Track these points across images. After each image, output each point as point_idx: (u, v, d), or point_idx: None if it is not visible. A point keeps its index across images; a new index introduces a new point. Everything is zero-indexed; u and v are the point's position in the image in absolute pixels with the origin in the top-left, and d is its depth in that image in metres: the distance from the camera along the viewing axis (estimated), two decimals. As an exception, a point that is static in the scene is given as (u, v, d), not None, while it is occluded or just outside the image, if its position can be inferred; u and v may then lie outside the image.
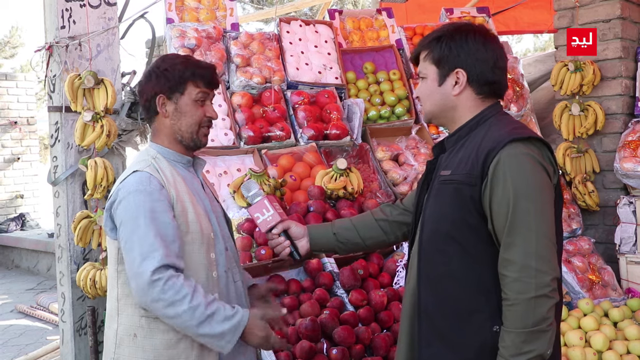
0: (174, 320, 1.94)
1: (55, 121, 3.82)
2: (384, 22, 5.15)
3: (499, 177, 1.79)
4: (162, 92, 2.13)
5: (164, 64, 2.15)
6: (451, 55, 1.94)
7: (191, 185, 2.17)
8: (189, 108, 2.14)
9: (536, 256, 1.74)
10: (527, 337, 1.73)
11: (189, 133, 2.15)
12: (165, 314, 1.93)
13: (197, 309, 1.92)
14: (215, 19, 4.60)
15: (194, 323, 1.93)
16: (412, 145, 4.40)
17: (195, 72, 2.13)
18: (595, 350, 3.25)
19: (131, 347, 2.05)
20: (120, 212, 2.02)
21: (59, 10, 3.75)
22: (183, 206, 2.07)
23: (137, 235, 1.95)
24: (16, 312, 6.69)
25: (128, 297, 2.06)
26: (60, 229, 3.86)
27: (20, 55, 19.40)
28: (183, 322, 1.93)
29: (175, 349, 2.03)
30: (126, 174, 2.10)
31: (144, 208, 1.98)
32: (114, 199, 2.06)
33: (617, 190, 4.40)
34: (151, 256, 1.92)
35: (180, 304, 1.91)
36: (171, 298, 1.91)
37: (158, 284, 1.90)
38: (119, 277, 2.09)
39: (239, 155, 3.96)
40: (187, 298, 1.92)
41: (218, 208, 2.28)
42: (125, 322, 2.08)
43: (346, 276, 3.35)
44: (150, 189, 2.01)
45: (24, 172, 10.37)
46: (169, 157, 2.17)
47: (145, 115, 2.22)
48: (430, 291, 1.93)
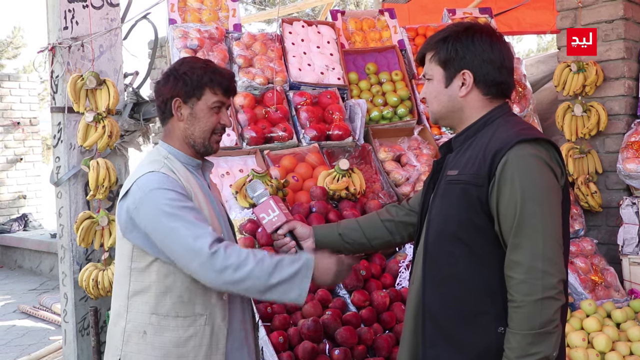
0: (245, 282, 1.94)
1: (57, 122, 3.83)
2: (386, 23, 5.15)
3: (507, 178, 1.78)
4: (178, 96, 2.12)
5: (183, 67, 2.14)
6: (457, 57, 1.92)
7: (201, 187, 2.17)
8: (204, 114, 2.13)
9: (543, 258, 1.73)
10: (533, 339, 1.72)
11: (201, 139, 2.15)
12: (236, 278, 1.93)
13: (264, 261, 1.95)
14: (217, 20, 4.60)
15: (265, 276, 1.94)
16: (415, 146, 4.39)
17: (214, 79, 2.12)
18: (598, 351, 3.25)
19: (140, 345, 2.05)
20: (147, 211, 2.00)
21: (62, 11, 3.75)
22: (200, 206, 2.08)
23: (178, 224, 1.95)
24: (19, 312, 6.71)
25: (139, 294, 2.06)
26: (63, 229, 3.86)
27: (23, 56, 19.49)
28: (255, 280, 1.94)
29: (184, 347, 2.04)
30: (139, 173, 2.07)
31: (172, 199, 1.98)
32: (132, 200, 2.03)
33: (619, 191, 4.39)
34: (202, 234, 1.94)
35: (246, 263, 1.93)
36: (236, 261, 1.93)
37: (219, 254, 1.92)
38: (132, 274, 2.09)
39: (241, 156, 3.96)
40: (250, 256, 1.95)
41: (223, 211, 2.29)
42: (134, 319, 2.07)
43: (348, 277, 3.35)
44: (172, 186, 2.02)
45: (26, 173, 10.38)
46: (180, 159, 2.17)
47: (159, 116, 2.22)
48: (436, 292, 1.93)
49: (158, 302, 2.06)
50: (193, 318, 2.07)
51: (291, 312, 3.16)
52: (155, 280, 2.06)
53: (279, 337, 2.94)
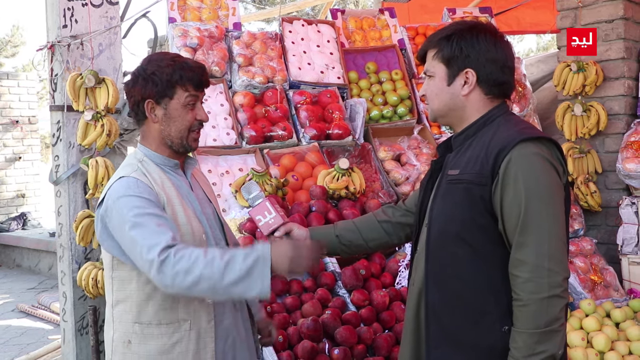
0: (199, 285, 1.83)
1: (57, 120, 3.82)
2: (386, 22, 5.15)
3: (510, 177, 1.78)
4: (150, 97, 2.04)
5: (151, 67, 2.06)
6: (461, 55, 1.90)
7: (179, 188, 2.12)
8: (179, 113, 2.07)
9: (549, 256, 1.73)
10: (539, 338, 1.72)
11: (178, 138, 2.09)
12: (188, 282, 1.83)
13: (214, 261, 1.83)
14: (217, 19, 4.59)
15: (217, 276, 1.82)
16: (414, 145, 4.39)
17: (184, 75, 2.04)
18: (597, 351, 3.25)
19: (126, 355, 2.03)
20: (114, 219, 1.97)
21: (61, 9, 3.74)
22: (173, 209, 2.04)
23: (137, 232, 1.90)
24: (17, 311, 6.70)
25: (121, 303, 2.05)
26: (62, 228, 3.85)
27: (22, 54, 19.51)
28: (208, 281, 1.83)
29: (170, 353, 2.01)
30: (113, 179, 2.05)
31: (136, 206, 1.94)
32: (104, 208, 2.01)
33: (619, 191, 4.39)
34: (155, 242, 1.86)
35: (196, 265, 1.82)
36: (186, 265, 1.83)
37: (169, 260, 1.83)
38: (113, 283, 2.07)
39: (241, 155, 3.95)
40: (200, 257, 1.84)
41: (209, 209, 2.23)
42: (119, 328, 2.06)
43: (348, 276, 3.35)
44: (139, 191, 1.97)
45: (25, 172, 10.36)
46: (156, 161, 2.12)
47: (133, 118, 2.15)
48: (439, 292, 1.92)
49: (140, 310, 2.03)
50: (177, 324, 2.03)
51: (291, 312, 3.16)
52: (135, 289, 2.03)
53: (279, 336, 2.93)
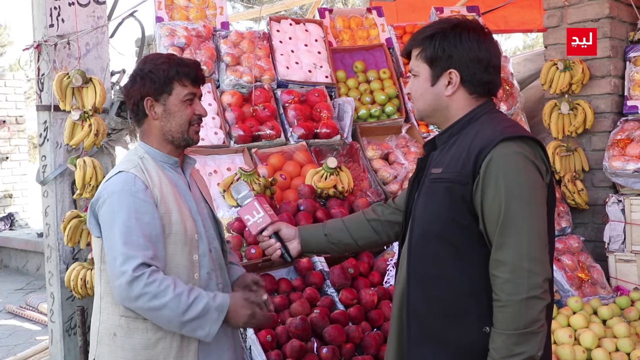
0: (160, 312, 1.94)
1: (44, 120, 3.79)
2: (374, 21, 5.15)
3: (491, 176, 1.76)
4: (149, 95, 2.12)
5: (147, 66, 2.13)
6: (444, 56, 1.88)
7: (177, 186, 2.16)
8: (178, 108, 2.13)
9: (528, 257, 1.72)
10: (518, 339, 1.71)
11: (179, 133, 2.15)
12: (150, 306, 1.93)
13: (181, 296, 1.95)
14: (205, 18, 4.58)
15: (180, 311, 1.94)
16: (402, 144, 4.40)
17: (180, 71, 2.12)
18: (585, 348, 3.27)
19: (111, 346, 2.06)
20: (104, 211, 2.03)
21: (47, 8, 3.72)
22: (167, 207, 2.07)
23: (120, 235, 1.96)
24: (5, 312, 6.65)
25: (109, 295, 2.07)
26: (50, 228, 3.83)
27: (9, 54, 19.29)
28: (170, 312, 1.94)
29: (153, 349, 2.04)
30: (112, 173, 2.11)
31: (127, 208, 1.99)
32: (97, 197, 2.07)
33: (606, 189, 4.43)
34: (133, 255, 1.93)
35: (165, 294, 1.93)
36: (155, 290, 1.92)
37: (141, 279, 1.92)
38: (102, 275, 2.10)
39: (229, 154, 3.95)
40: (170, 287, 1.94)
41: (205, 209, 2.26)
42: (105, 320, 2.09)
43: (336, 275, 3.35)
44: (135, 189, 2.02)
45: (12, 172, 10.29)
46: (156, 158, 2.16)
47: (133, 118, 2.21)
48: (420, 292, 1.91)
49: None
50: None
51: (279, 311, 3.15)
52: None
53: (267, 335, 2.93)
